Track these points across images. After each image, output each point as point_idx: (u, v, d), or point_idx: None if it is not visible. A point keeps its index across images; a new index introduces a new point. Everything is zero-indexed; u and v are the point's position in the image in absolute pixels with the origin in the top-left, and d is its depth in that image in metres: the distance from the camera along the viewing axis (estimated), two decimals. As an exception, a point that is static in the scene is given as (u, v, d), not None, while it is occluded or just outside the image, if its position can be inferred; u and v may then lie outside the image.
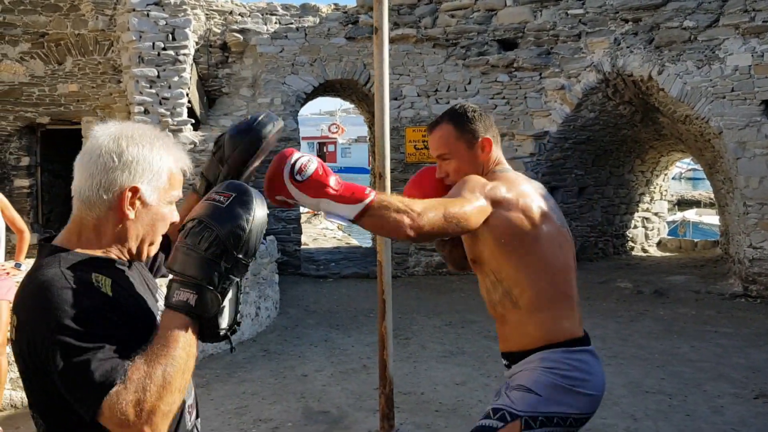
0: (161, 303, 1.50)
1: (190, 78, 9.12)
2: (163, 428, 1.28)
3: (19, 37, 9.16)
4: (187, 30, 8.81)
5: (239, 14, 10.30)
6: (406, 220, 1.88)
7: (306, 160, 1.77)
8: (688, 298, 8.48)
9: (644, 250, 12.44)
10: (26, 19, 9.12)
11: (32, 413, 1.42)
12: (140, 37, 8.66)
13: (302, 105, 10.66)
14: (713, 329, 7.04)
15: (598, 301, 8.43)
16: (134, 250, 1.48)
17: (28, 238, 4.89)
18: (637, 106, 9.89)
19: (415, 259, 10.43)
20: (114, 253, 1.45)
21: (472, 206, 2.05)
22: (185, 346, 1.31)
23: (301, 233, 10.63)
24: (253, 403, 5.01)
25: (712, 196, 29.28)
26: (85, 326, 1.26)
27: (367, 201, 1.81)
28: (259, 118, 1.78)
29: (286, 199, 1.79)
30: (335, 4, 10.82)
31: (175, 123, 8.82)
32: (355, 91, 11.35)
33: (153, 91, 8.74)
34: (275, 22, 10.35)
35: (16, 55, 9.18)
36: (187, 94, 9.02)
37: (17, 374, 4.70)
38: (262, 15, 10.33)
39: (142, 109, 8.71)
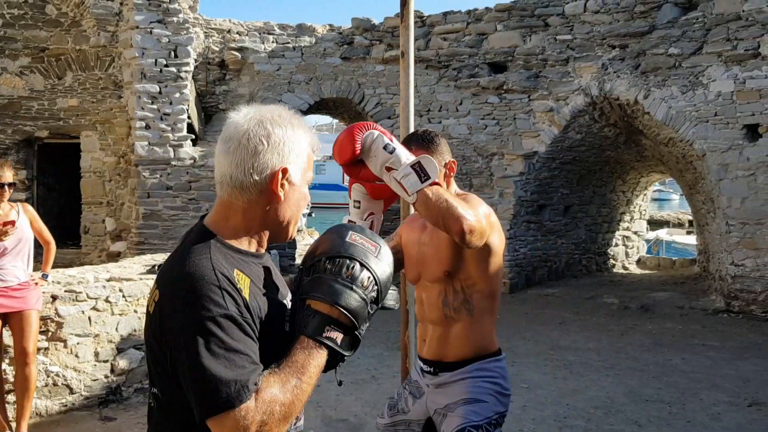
0: (289, 296, 1.53)
1: (190, 94, 9.28)
2: None
3: (20, 52, 9.24)
4: (189, 47, 8.98)
5: (237, 33, 10.50)
6: (470, 216, 2.12)
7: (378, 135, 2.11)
8: (673, 314, 8.83)
9: (625, 268, 12.84)
10: (27, 34, 9.21)
11: (150, 381, 1.45)
12: (143, 53, 8.81)
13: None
14: (700, 342, 7.37)
15: (587, 316, 8.73)
16: (279, 232, 1.50)
17: (54, 249, 5.00)
18: (621, 128, 10.29)
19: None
20: (255, 241, 1.47)
21: (487, 229, 2.30)
22: (314, 380, 1.32)
23: (296, 248, 10.78)
24: (272, 412, 5.14)
25: (680, 216, 30.28)
26: (226, 331, 1.27)
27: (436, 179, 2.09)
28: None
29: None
30: (330, 25, 11.08)
31: (176, 138, 8.96)
32: (348, 109, 11.59)
33: (154, 106, 8.87)
34: (272, 41, 10.57)
35: (16, 69, 9.25)
36: (188, 110, 9.17)
37: (42, 382, 4.80)
38: (260, 34, 10.55)
39: (144, 124, 8.83)
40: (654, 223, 28.58)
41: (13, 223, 4.41)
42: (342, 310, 1.34)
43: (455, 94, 10.56)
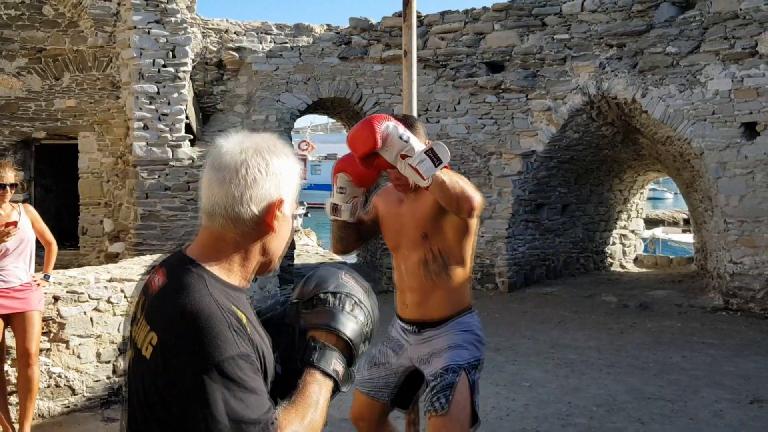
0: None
1: (188, 95, 9.26)
2: None
3: (17, 52, 9.19)
4: (187, 48, 8.96)
5: (234, 33, 10.48)
6: (478, 195, 2.48)
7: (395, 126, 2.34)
8: (671, 312, 8.85)
9: (622, 266, 12.87)
10: (24, 35, 9.17)
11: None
12: (141, 54, 8.78)
13: (295, 122, 10.87)
14: (700, 340, 7.39)
15: (586, 315, 8.75)
16: (267, 265, 1.45)
17: (55, 250, 4.98)
18: (618, 127, 10.31)
19: (406, 274, 10.64)
20: (243, 276, 1.41)
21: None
22: (325, 411, 1.33)
23: (294, 248, 10.77)
24: (275, 412, 5.14)
25: (675, 215, 30.40)
26: (243, 372, 1.22)
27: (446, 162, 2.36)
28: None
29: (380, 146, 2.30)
30: (327, 25, 11.08)
31: (174, 139, 8.93)
32: (345, 109, 11.59)
33: (153, 107, 8.84)
34: (270, 41, 10.55)
35: (13, 69, 9.21)
36: (186, 110, 9.15)
37: (45, 383, 4.78)
38: (257, 34, 10.53)
39: (142, 124, 8.80)
40: (649, 222, 28.64)
41: (15, 224, 4.40)
42: (349, 340, 1.37)
43: (453, 94, 10.57)
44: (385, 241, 3.00)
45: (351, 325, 1.38)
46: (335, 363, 1.35)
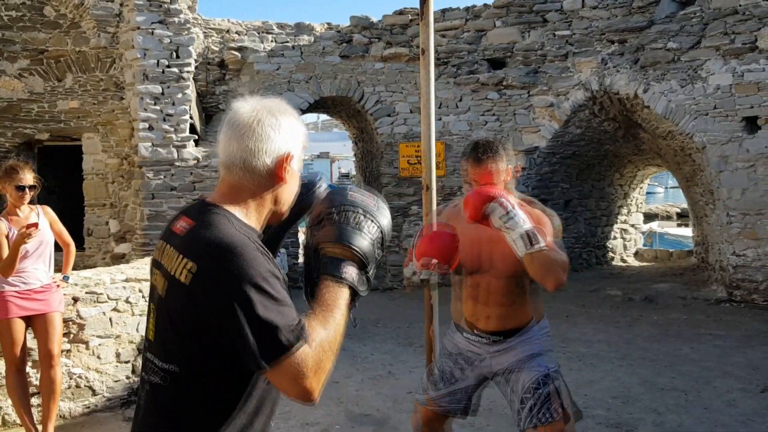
0: None
1: (192, 95, 9.26)
2: (322, 385, 1.40)
3: (18, 54, 9.16)
4: (190, 48, 8.96)
5: (236, 32, 10.49)
6: (563, 278, 2.62)
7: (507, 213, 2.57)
8: (676, 304, 8.94)
9: (623, 260, 12.96)
10: (25, 36, 9.14)
11: (160, 357, 1.47)
12: (144, 54, 8.77)
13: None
14: (707, 332, 7.48)
15: (593, 309, 8.83)
16: (277, 213, 1.62)
17: (74, 251, 5.00)
18: (620, 122, 10.39)
19: (410, 269, 10.67)
20: (258, 221, 1.57)
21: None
22: (345, 314, 1.47)
23: (299, 247, 10.80)
24: (294, 408, 5.17)
25: (668, 209, 30.62)
26: (273, 287, 1.38)
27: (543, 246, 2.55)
28: (318, 182, 1.86)
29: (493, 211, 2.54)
30: (328, 24, 11.10)
31: (179, 139, 8.93)
32: (346, 107, 11.61)
33: (157, 107, 8.84)
34: (271, 41, 10.56)
35: (15, 71, 9.18)
36: (190, 111, 9.15)
37: (65, 384, 4.80)
38: (258, 33, 10.54)
39: (147, 125, 8.80)
40: (643, 216, 28.91)
41: (36, 225, 4.40)
42: (354, 249, 1.50)
43: (455, 91, 10.61)
44: (461, 259, 2.88)
45: (354, 234, 1.51)
46: (345, 268, 1.49)
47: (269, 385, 1.51)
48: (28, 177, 4.66)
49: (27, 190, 4.63)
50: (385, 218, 1.59)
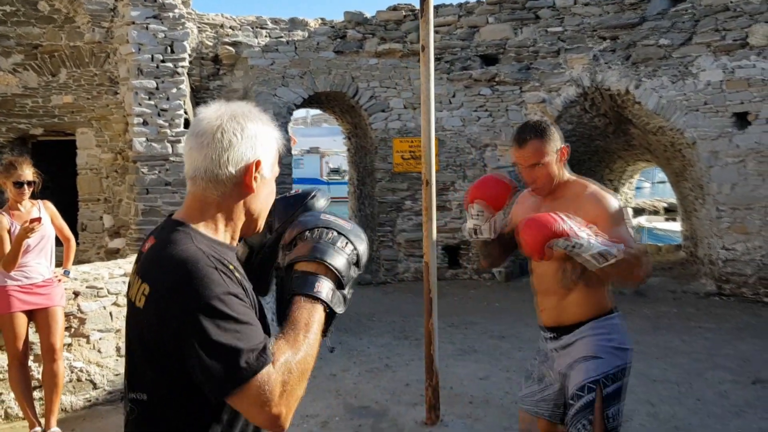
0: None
1: (186, 90, 9.27)
2: (292, 411, 1.31)
3: (12, 49, 9.14)
4: (185, 43, 8.96)
5: (230, 27, 10.50)
6: (643, 275, 2.53)
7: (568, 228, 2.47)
8: (666, 298, 9.07)
9: (613, 255, 13.08)
10: (19, 31, 9.11)
11: (129, 387, 1.44)
12: (139, 49, 8.77)
13: (292, 116, 10.93)
14: (697, 325, 7.60)
15: (584, 302, 8.93)
16: (250, 225, 1.53)
17: (74, 246, 5.05)
18: (611, 118, 10.49)
19: (404, 265, 10.77)
20: (228, 234, 1.49)
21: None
22: (318, 337, 1.36)
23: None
24: (294, 401, 5.23)
25: (655, 204, 30.86)
26: (230, 307, 1.28)
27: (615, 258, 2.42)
28: (312, 195, 1.76)
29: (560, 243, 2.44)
30: (322, 19, 11.12)
31: (174, 134, 8.94)
32: (340, 103, 11.65)
33: (152, 102, 8.84)
34: (265, 36, 10.58)
35: (9, 66, 9.16)
36: (184, 106, 9.16)
37: (67, 378, 4.83)
38: (252, 28, 10.56)
39: (141, 120, 8.80)
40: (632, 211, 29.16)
41: (39, 219, 4.44)
42: (327, 264, 1.40)
43: (448, 87, 10.67)
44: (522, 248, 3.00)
45: (328, 250, 1.41)
46: (318, 285, 1.39)
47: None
48: (27, 173, 4.70)
49: (26, 186, 4.66)
50: (361, 241, 1.49)
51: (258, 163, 1.45)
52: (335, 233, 1.45)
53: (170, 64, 8.94)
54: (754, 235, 8.54)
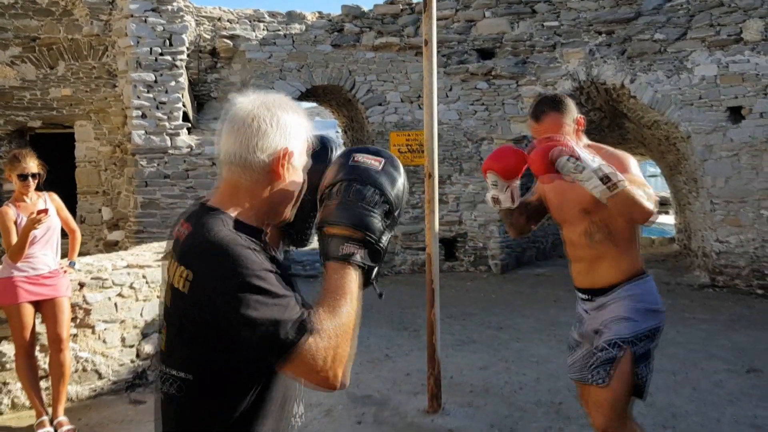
0: None
1: (185, 83, 9.30)
2: (342, 371, 1.37)
3: (10, 41, 9.15)
4: (183, 36, 9.00)
5: (227, 20, 10.52)
6: (651, 206, 2.54)
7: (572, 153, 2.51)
8: (660, 289, 8.98)
9: (607, 248, 13.20)
10: (17, 23, 9.12)
11: (174, 366, 1.47)
12: (138, 42, 8.80)
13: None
14: (691, 316, 7.71)
15: (580, 294, 9.04)
16: (278, 211, 1.56)
17: (79, 237, 5.09)
18: (606, 112, 10.58)
19: (401, 257, 10.84)
20: (257, 220, 1.52)
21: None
22: (357, 296, 1.41)
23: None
24: (296, 391, 5.31)
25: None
26: (269, 283, 1.34)
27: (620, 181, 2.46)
28: (330, 142, 1.79)
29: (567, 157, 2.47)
30: (319, 12, 11.15)
31: (173, 127, 8.99)
32: (336, 96, 11.69)
33: (150, 95, 8.88)
34: (263, 29, 10.61)
35: (7, 58, 9.17)
36: (183, 99, 9.19)
37: (72, 368, 4.89)
38: (250, 22, 10.58)
39: (140, 113, 8.84)
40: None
41: (46, 211, 4.48)
42: (350, 226, 1.42)
43: (444, 81, 10.73)
44: (552, 216, 3.12)
45: (349, 210, 1.43)
46: (344, 248, 1.41)
47: (288, 380, 1.50)
48: (32, 165, 4.74)
49: (30, 178, 4.71)
50: (391, 181, 1.48)
51: (288, 152, 1.49)
52: (359, 185, 1.46)
53: (169, 57, 8.98)
54: (748, 227, 8.66)
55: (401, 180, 1.50)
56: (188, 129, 9.44)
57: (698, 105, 8.88)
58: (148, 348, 5.42)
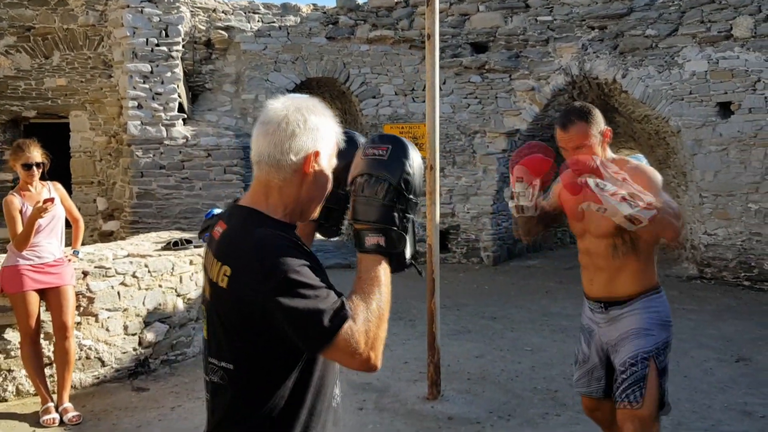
0: None
1: (180, 74, 9.32)
2: (380, 353, 1.49)
3: (5, 31, 9.13)
4: (180, 26, 9.03)
5: (222, 12, 10.53)
6: (679, 226, 2.56)
7: (600, 182, 2.48)
8: (650, 282, 9.32)
9: (596, 241, 13.38)
10: (12, 13, 9.10)
11: (216, 356, 1.57)
12: (134, 33, 8.81)
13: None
14: (680, 307, 7.86)
15: (570, 285, 9.16)
16: (306, 209, 1.65)
17: (83, 226, 5.16)
18: (597, 106, 10.68)
19: (394, 249, 10.94)
20: (288, 217, 1.61)
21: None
22: (386, 282, 1.52)
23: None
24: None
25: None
26: (306, 276, 1.43)
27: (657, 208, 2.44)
28: (356, 137, 1.90)
29: (589, 179, 2.46)
30: (314, 5, 11.19)
31: (168, 118, 9.02)
32: (330, 89, 11.74)
33: (146, 86, 8.91)
34: (258, 21, 10.64)
35: (1, 48, 9.16)
36: (178, 89, 9.22)
37: (76, 356, 4.95)
38: (245, 13, 10.60)
39: (136, 104, 8.86)
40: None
41: (53, 200, 4.53)
42: (367, 221, 1.54)
43: (438, 74, 10.79)
44: (570, 226, 3.12)
45: (362, 206, 1.54)
46: (368, 240, 1.53)
47: (325, 365, 1.59)
48: (36, 154, 4.79)
49: (34, 167, 4.75)
50: (397, 166, 1.55)
51: (317, 154, 1.57)
52: (367, 179, 1.55)
53: (165, 48, 9.00)
54: (735, 220, 8.83)
55: (408, 162, 1.56)
56: (183, 120, 9.47)
57: (688, 100, 9.03)
58: (150, 336, 5.48)
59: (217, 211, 7.10)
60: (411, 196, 1.56)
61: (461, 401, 4.88)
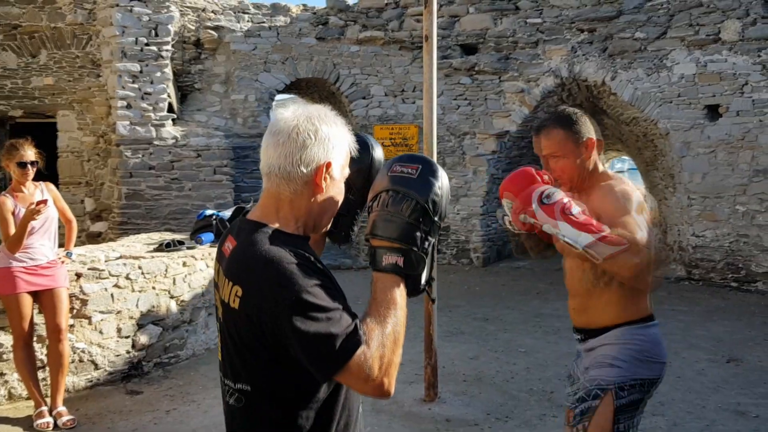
0: None
1: (170, 73, 9.25)
2: (394, 378, 1.40)
3: (-9, 29, 9.01)
4: (169, 26, 8.97)
5: (212, 11, 10.47)
6: (636, 261, 2.18)
7: (554, 190, 2.24)
8: (638, 283, 9.39)
9: (584, 242, 13.45)
10: (-2, 10, 8.99)
11: (232, 378, 1.52)
12: (123, 32, 8.74)
13: (273, 101, 10.97)
14: (670, 308, 7.93)
15: (561, 287, 9.12)
16: (318, 222, 1.59)
17: (76, 227, 5.10)
18: (586, 108, 10.77)
19: (384, 250, 10.93)
20: (300, 230, 1.56)
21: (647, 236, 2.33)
22: (402, 305, 1.46)
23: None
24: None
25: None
26: (319, 298, 1.37)
27: (603, 233, 2.15)
28: (369, 140, 1.84)
29: (528, 218, 2.23)
30: (304, 5, 11.16)
31: (158, 118, 8.95)
32: (320, 89, 11.71)
33: (136, 86, 8.83)
34: (248, 21, 10.59)
35: (-13, 46, 9.03)
36: (168, 89, 9.15)
37: (69, 359, 4.89)
38: (235, 13, 10.55)
39: (125, 103, 8.78)
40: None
41: (45, 202, 4.48)
42: (388, 238, 1.47)
43: (436, 75, 10.80)
44: (555, 243, 2.76)
45: (384, 222, 1.48)
46: (386, 259, 1.47)
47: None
48: (29, 153, 4.72)
49: (29, 166, 4.68)
50: (426, 187, 1.50)
51: (329, 165, 1.52)
52: (393, 195, 1.49)
53: (154, 48, 8.93)
54: (723, 222, 8.92)
55: (438, 183, 1.52)
56: (173, 120, 9.40)
57: (677, 103, 9.11)
58: (143, 339, 5.43)
59: (208, 212, 7.07)
60: (436, 218, 1.51)
61: (458, 403, 4.88)
